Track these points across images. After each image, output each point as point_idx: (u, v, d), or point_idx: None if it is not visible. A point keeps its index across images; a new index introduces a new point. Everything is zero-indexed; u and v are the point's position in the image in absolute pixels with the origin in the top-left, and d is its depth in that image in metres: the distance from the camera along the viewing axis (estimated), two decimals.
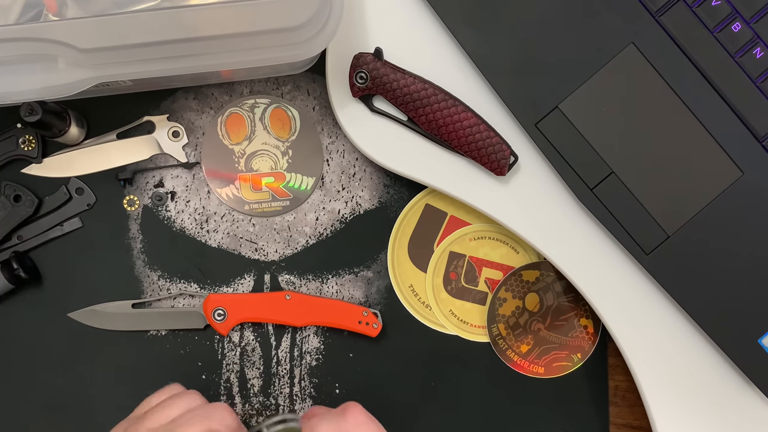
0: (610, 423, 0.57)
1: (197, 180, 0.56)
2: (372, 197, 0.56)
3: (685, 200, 0.51)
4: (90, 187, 0.55)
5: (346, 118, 0.52)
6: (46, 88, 0.44)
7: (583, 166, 0.51)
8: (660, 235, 0.51)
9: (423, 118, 0.51)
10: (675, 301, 0.51)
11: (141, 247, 0.56)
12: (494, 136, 0.51)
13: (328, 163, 0.56)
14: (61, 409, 0.55)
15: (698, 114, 0.50)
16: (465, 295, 0.57)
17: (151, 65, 0.44)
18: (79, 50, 0.43)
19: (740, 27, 0.50)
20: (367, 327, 0.55)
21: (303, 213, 0.56)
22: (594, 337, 0.57)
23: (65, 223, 0.55)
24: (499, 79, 0.51)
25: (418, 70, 0.51)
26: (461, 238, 0.56)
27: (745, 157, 0.51)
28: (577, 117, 0.51)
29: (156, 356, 0.56)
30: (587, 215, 0.52)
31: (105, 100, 0.54)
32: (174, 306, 0.56)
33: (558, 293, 0.57)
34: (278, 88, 0.56)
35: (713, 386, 0.53)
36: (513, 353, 0.57)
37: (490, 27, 0.50)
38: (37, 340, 0.55)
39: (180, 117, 0.55)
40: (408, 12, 0.52)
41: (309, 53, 0.45)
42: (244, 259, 0.56)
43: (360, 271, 0.56)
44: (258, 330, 0.56)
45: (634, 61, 0.50)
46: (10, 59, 0.43)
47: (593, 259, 0.52)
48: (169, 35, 0.43)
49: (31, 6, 0.46)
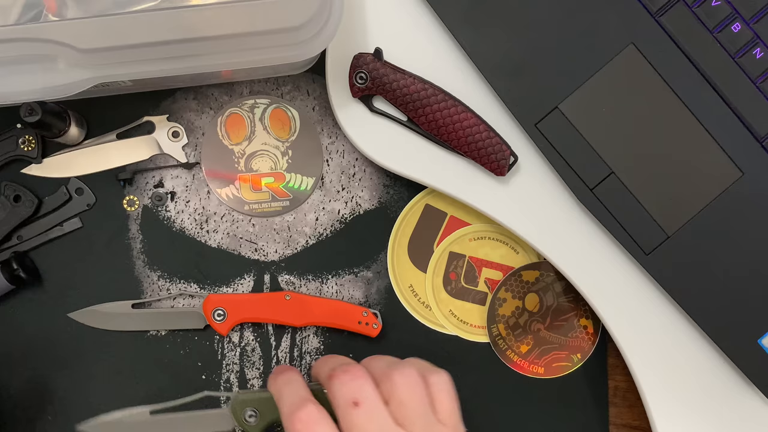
0: (610, 423, 0.57)
1: (197, 180, 0.56)
2: (372, 197, 0.56)
3: (684, 200, 0.51)
4: (90, 187, 0.55)
5: (345, 118, 0.52)
6: (46, 89, 0.44)
7: (583, 166, 0.51)
8: (660, 236, 0.51)
9: (423, 119, 0.51)
10: (675, 301, 0.51)
11: (141, 248, 0.56)
12: (494, 136, 0.51)
13: (328, 164, 0.56)
14: (61, 409, 0.55)
15: (698, 114, 0.50)
16: (465, 296, 0.57)
17: (151, 65, 0.44)
18: (79, 50, 0.43)
19: (740, 27, 0.50)
20: (366, 327, 0.55)
21: (303, 213, 0.56)
22: (594, 338, 0.57)
23: (65, 223, 0.55)
24: (499, 79, 0.51)
25: (418, 70, 0.51)
26: (461, 238, 0.56)
27: (745, 157, 0.51)
28: (577, 117, 0.51)
29: (156, 356, 0.56)
30: (587, 215, 0.52)
31: (105, 101, 0.54)
32: (174, 306, 0.56)
33: (558, 293, 0.57)
34: (278, 89, 0.56)
35: (713, 386, 0.53)
36: (513, 353, 0.57)
37: (489, 27, 0.50)
38: (37, 340, 0.55)
39: (180, 117, 0.55)
40: (408, 12, 0.52)
41: (309, 53, 0.45)
42: (244, 259, 0.56)
43: (360, 271, 0.56)
44: (258, 330, 0.56)
45: (633, 61, 0.50)
46: (9, 59, 0.43)
47: (593, 260, 0.53)
48: (169, 35, 0.43)
49: (30, 6, 0.46)
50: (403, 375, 0.43)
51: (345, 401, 0.42)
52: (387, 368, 0.44)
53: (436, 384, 0.44)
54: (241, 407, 0.48)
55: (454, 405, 0.45)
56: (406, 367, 0.44)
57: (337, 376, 0.43)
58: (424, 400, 0.43)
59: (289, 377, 0.46)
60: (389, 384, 0.43)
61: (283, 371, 0.47)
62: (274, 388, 0.46)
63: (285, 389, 0.45)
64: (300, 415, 0.42)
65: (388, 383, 0.43)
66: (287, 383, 0.46)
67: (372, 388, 0.43)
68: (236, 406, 0.48)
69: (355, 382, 0.43)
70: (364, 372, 0.43)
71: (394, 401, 0.43)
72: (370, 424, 0.41)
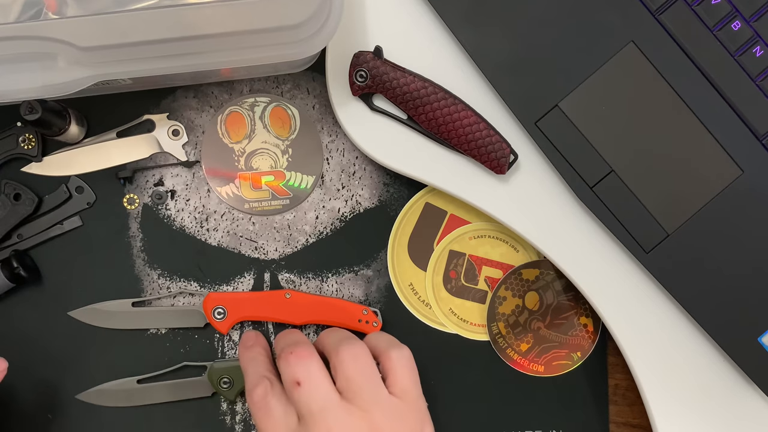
0: (610, 421, 0.57)
1: (197, 178, 0.56)
2: (372, 196, 0.56)
3: (684, 199, 0.51)
4: (90, 185, 0.55)
5: (345, 116, 0.52)
6: (46, 87, 0.44)
7: (583, 164, 0.51)
8: (660, 234, 0.51)
9: (423, 117, 0.51)
10: (675, 299, 0.51)
11: (141, 246, 0.56)
12: (494, 134, 0.51)
13: (328, 162, 0.56)
14: (61, 408, 0.55)
15: (698, 112, 0.50)
16: (465, 294, 0.57)
17: (151, 63, 0.44)
18: (79, 48, 0.43)
19: (740, 25, 0.50)
20: (367, 326, 0.55)
21: (303, 211, 0.56)
22: (594, 336, 0.57)
23: (65, 221, 0.55)
24: (499, 77, 0.51)
25: (418, 68, 0.51)
26: (461, 236, 0.57)
27: (745, 155, 0.51)
28: (577, 115, 0.51)
29: (156, 354, 0.56)
30: (587, 214, 0.52)
31: (105, 99, 0.54)
32: (174, 304, 0.56)
33: (558, 292, 0.57)
34: (278, 87, 0.56)
35: (713, 385, 0.53)
36: (513, 352, 0.57)
37: (489, 25, 0.50)
38: (37, 338, 0.55)
39: (180, 115, 0.55)
40: (408, 10, 0.52)
41: (309, 52, 0.45)
42: (244, 257, 0.56)
43: (360, 269, 0.56)
44: (258, 329, 0.56)
45: (633, 59, 0.50)
46: (9, 57, 0.43)
47: (593, 258, 0.53)
48: (169, 33, 0.43)
49: (31, 4, 0.46)
50: (350, 350, 0.46)
51: (289, 381, 0.45)
52: (336, 344, 0.47)
53: (394, 359, 0.47)
54: (217, 375, 0.54)
55: (412, 378, 0.47)
56: (354, 342, 0.46)
57: (284, 357, 0.47)
58: (371, 374, 0.46)
59: (253, 355, 0.50)
60: (336, 359, 0.46)
61: (249, 346, 0.51)
62: (242, 363, 0.51)
63: (249, 366, 0.50)
64: (258, 390, 0.47)
65: (335, 359, 0.46)
66: (251, 360, 0.50)
67: (316, 367, 0.45)
68: (212, 374, 0.54)
69: (299, 362, 0.46)
70: (309, 351, 0.46)
71: (340, 376, 0.45)
72: (312, 402, 0.44)
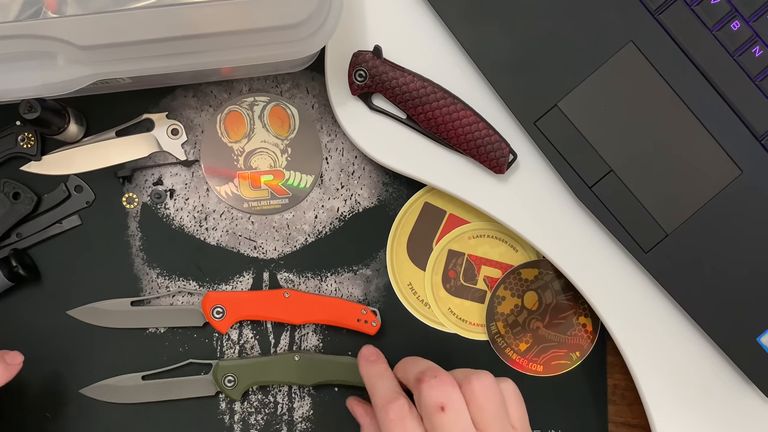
0: (609, 421, 0.57)
1: (196, 178, 0.56)
2: (371, 195, 0.56)
3: (683, 198, 0.51)
4: (89, 184, 0.55)
5: (345, 116, 0.52)
6: (45, 86, 0.44)
7: (582, 164, 0.51)
8: (658, 234, 0.51)
9: (422, 116, 0.51)
10: (673, 299, 0.51)
11: (140, 245, 0.56)
12: (493, 134, 0.51)
13: (327, 161, 0.56)
14: (60, 407, 0.55)
15: (697, 112, 0.50)
16: (464, 294, 0.57)
17: (151, 62, 0.44)
18: (79, 47, 0.43)
19: (739, 25, 0.50)
20: (365, 325, 0.55)
21: (302, 211, 0.56)
22: (593, 336, 0.57)
23: (64, 220, 0.55)
24: (498, 77, 0.51)
25: (417, 68, 0.51)
26: (460, 236, 0.57)
27: (744, 155, 0.51)
28: (576, 115, 0.51)
29: (155, 354, 0.56)
30: (586, 213, 0.52)
31: (104, 98, 0.54)
32: (173, 304, 0.56)
33: (557, 291, 0.57)
34: (277, 86, 0.56)
35: (712, 384, 0.53)
36: (512, 351, 0.57)
37: (488, 25, 0.50)
38: (36, 337, 0.55)
39: (179, 115, 0.55)
40: (407, 10, 0.52)
41: (308, 51, 0.45)
42: (243, 256, 0.56)
43: (359, 269, 0.56)
44: (257, 328, 0.56)
45: (633, 59, 0.50)
46: (9, 56, 0.43)
47: (592, 258, 0.53)
48: (168, 32, 0.43)
49: (30, 3, 0.46)
50: (481, 381, 0.47)
51: (433, 405, 0.45)
52: (466, 374, 0.48)
53: (506, 390, 0.48)
54: (222, 373, 0.54)
55: (524, 410, 0.49)
56: (483, 373, 0.48)
57: (427, 380, 0.46)
58: (500, 404, 0.47)
59: (381, 370, 0.50)
60: (469, 389, 0.46)
61: (373, 361, 0.51)
62: (365, 376, 0.51)
63: (378, 381, 0.49)
64: (394, 407, 0.46)
65: (468, 388, 0.46)
66: (380, 376, 0.50)
67: (458, 394, 0.46)
68: (217, 373, 0.54)
69: (443, 387, 0.46)
70: (451, 378, 0.47)
71: (473, 405, 0.46)
72: (454, 427, 0.45)
